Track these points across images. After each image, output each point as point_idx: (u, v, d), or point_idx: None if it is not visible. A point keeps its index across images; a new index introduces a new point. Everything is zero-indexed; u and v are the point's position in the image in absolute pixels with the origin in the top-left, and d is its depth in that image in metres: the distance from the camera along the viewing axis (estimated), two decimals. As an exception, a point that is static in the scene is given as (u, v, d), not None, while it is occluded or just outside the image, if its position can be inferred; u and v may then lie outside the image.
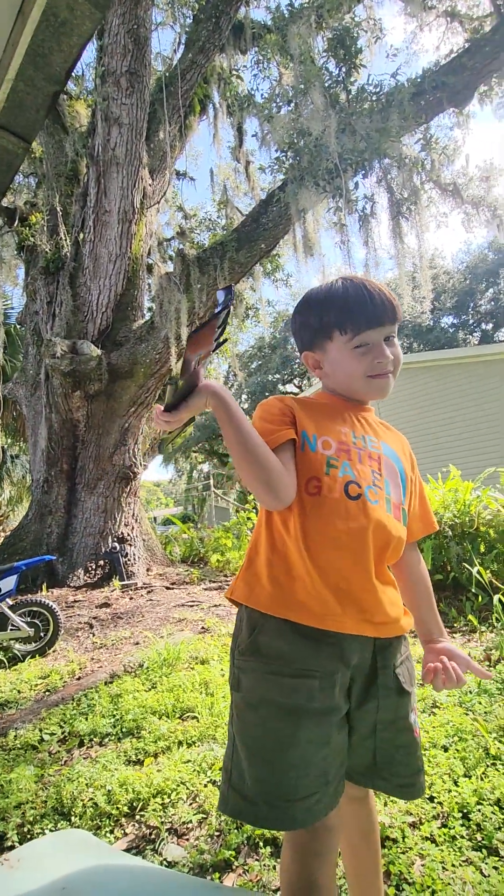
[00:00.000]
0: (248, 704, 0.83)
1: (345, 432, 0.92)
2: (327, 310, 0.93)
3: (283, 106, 5.13)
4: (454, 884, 1.16)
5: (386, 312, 0.91)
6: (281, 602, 0.83)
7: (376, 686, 0.85)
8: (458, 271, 26.39)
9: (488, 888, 1.13)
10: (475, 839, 1.30)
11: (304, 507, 0.85)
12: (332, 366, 0.97)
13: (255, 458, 0.79)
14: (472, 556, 3.38)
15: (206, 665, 2.70)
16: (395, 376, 0.96)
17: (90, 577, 5.11)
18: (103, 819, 1.50)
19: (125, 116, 5.42)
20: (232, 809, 0.81)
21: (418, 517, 1.02)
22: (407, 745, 0.88)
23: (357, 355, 0.92)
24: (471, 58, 5.47)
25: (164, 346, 5.56)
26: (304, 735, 0.78)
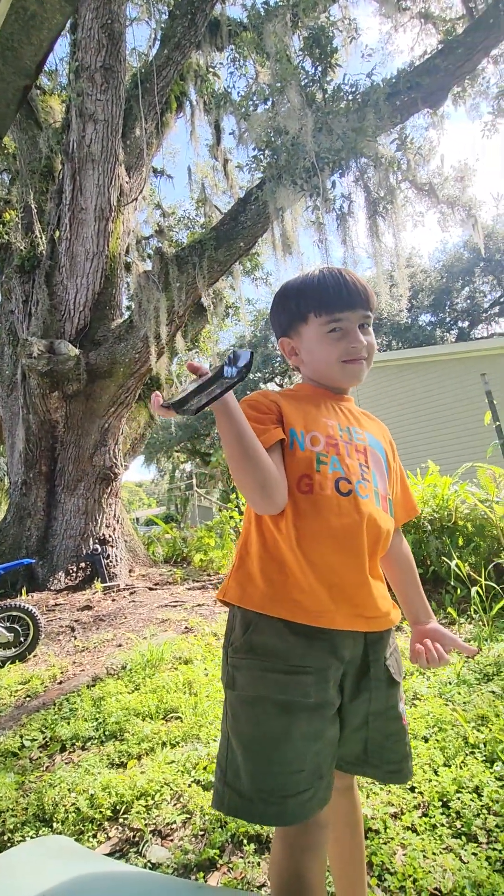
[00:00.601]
0: (243, 702, 0.83)
1: (331, 425, 0.93)
2: (303, 294, 0.95)
3: (259, 104, 5.13)
4: (434, 871, 1.18)
5: (360, 297, 0.93)
6: (274, 600, 0.83)
7: (368, 678, 0.87)
8: (435, 270, 26.80)
9: (467, 874, 1.15)
10: (455, 827, 1.33)
11: (296, 506, 0.85)
12: (308, 352, 0.98)
13: (253, 460, 0.78)
14: (451, 549, 3.44)
15: (189, 665, 2.69)
16: (369, 364, 0.98)
17: (71, 579, 5.04)
18: (86, 824, 1.49)
19: (100, 112, 5.35)
20: (228, 807, 0.81)
21: (401, 503, 1.05)
22: (396, 734, 0.90)
23: (331, 339, 0.94)
24: (444, 59, 5.55)
25: (143, 345, 5.51)
26: (298, 731, 0.79)
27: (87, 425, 5.53)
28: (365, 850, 1.05)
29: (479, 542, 3.45)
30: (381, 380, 12.12)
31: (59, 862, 0.71)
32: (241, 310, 10.76)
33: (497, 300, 26.20)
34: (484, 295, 26.70)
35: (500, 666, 2.24)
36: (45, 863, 0.73)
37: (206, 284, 5.83)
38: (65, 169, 5.57)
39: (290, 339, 1.01)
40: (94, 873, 0.64)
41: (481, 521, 3.51)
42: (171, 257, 5.82)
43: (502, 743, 1.63)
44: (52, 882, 0.56)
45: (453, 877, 1.15)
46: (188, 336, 7.71)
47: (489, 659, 2.34)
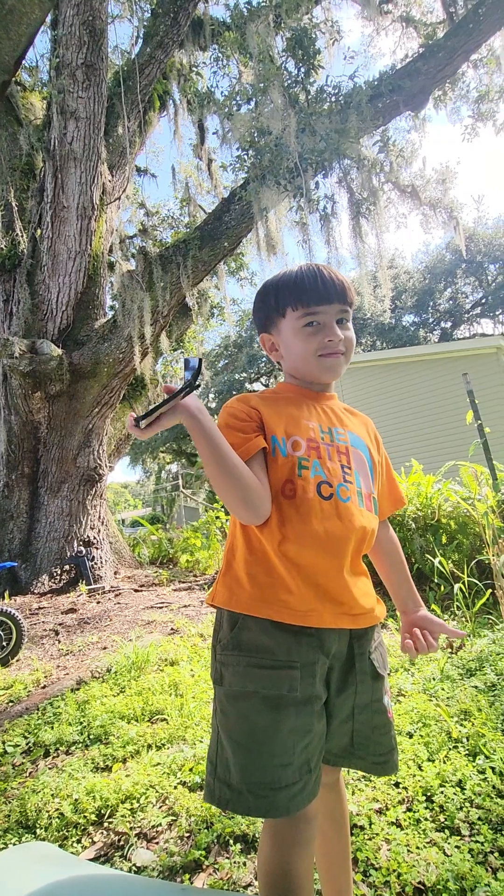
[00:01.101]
0: (232, 697, 0.84)
1: (312, 427, 0.93)
2: (281, 289, 0.96)
3: (242, 104, 5.12)
4: (418, 865, 1.19)
5: (336, 291, 0.94)
6: (262, 602, 0.84)
7: (354, 672, 0.88)
8: (418, 271, 27.12)
9: (450, 867, 1.17)
10: (438, 820, 1.34)
11: (281, 510, 0.86)
12: (286, 346, 0.98)
13: (233, 476, 0.79)
14: (435, 547, 3.49)
15: (175, 666, 2.68)
16: (347, 359, 0.98)
17: (55, 582, 4.98)
18: (70, 829, 1.47)
19: (82, 110, 5.29)
20: (218, 800, 0.82)
21: (387, 495, 1.06)
22: (382, 726, 0.92)
23: (308, 333, 0.94)
24: (425, 63, 5.62)
25: (127, 345, 5.46)
26: (286, 725, 0.80)
27: (70, 426, 5.46)
28: (350, 845, 1.06)
29: (462, 540, 3.50)
30: (365, 379, 12.22)
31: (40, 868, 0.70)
32: (226, 310, 10.75)
33: (478, 301, 26.62)
34: (466, 296, 27.10)
35: (482, 661, 2.28)
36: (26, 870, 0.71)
37: (190, 284, 5.81)
38: (46, 166, 5.49)
39: (270, 334, 1.01)
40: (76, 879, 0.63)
41: (464, 519, 3.56)
42: (155, 257, 5.79)
43: (485, 737, 1.65)
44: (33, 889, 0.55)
45: (437, 870, 1.17)
46: (173, 336, 7.67)
47: (472, 654, 2.37)
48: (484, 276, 26.12)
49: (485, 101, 6.98)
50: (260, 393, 1.01)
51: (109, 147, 6.28)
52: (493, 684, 2.04)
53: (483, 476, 3.73)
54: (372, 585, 0.94)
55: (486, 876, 1.14)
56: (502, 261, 24.78)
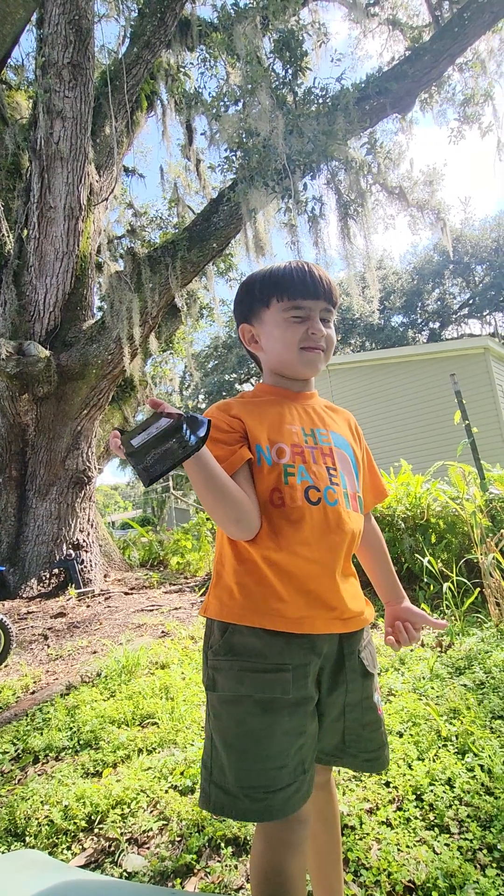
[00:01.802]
0: (225, 702, 0.84)
1: (295, 431, 0.93)
2: (267, 281, 0.97)
3: (230, 105, 5.12)
4: (408, 864, 1.20)
5: (323, 289, 0.95)
6: (253, 611, 0.84)
7: (344, 672, 0.89)
8: (406, 272, 27.34)
9: (440, 865, 1.17)
10: (428, 819, 1.35)
11: (270, 518, 0.86)
12: (267, 337, 0.98)
13: (225, 497, 0.79)
14: (424, 546, 3.51)
15: (166, 669, 2.67)
16: (327, 356, 0.99)
17: (44, 586, 4.93)
18: (59, 836, 1.46)
19: (68, 109, 5.25)
20: (214, 805, 0.82)
21: (369, 488, 1.06)
22: (372, 723, 0.92)
23: (292, 324, 0.94)
24: (412, 66, 5.67)
25: (115, 346, 5.43)
26: (280, 727, 0.80)
27: (58, 428, 5.41)
28: (341, 845, 1.06)
29: (451, 539, 3.53)
30: (354, 380, 12.29)
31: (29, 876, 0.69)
32: (215, 311, 10.74)
33: (466, 302, 26.90)
34: (453, 297, 27.38)
35: (471, 660, 2.30)
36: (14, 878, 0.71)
37: (179, 285, 5.80)
38: (32, 166, 5.44)
39: (252, 325, 1.01)
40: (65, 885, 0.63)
41: (452, 519, 3.60)
42: (144, 257, 5.76)
43: (473, 735, 1.67)
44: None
45: (426, 868, 1.18)
46: (162, 337, 7.64)
47: (461, 653, 2.40)
48: (471, 277, 26.42)
49: (470, 105, 7.06)
50: (240, 397, 1.00)
51: (97, 147, 6.24)
52: (482, 682, 2.07)
53: (471, 476, 3.77)
54: (360, 587, 0.95)
55: (474, 873, 1.15)
56: (489, 262, 25.08)
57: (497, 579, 2.81)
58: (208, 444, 0.87)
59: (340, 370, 12.61)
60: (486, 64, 7.07)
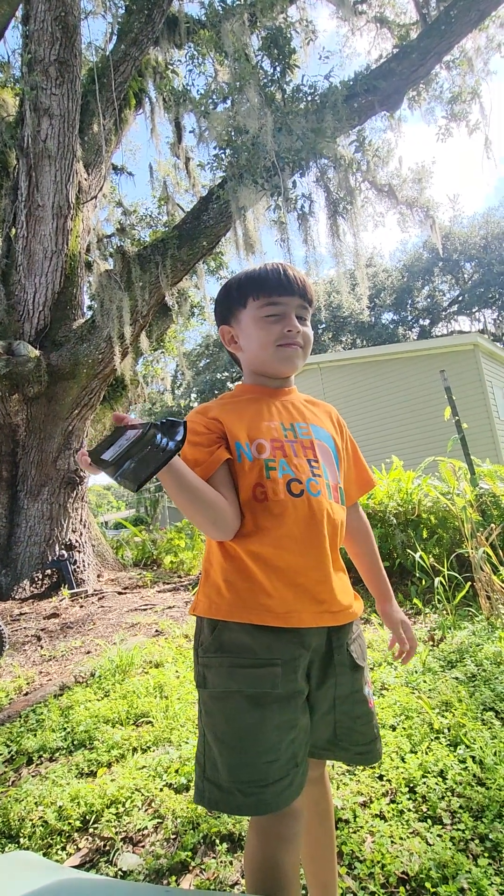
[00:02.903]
0: (215, 698, 0.85)
1: (274, 427, 0.93)
2: (243, 281, 0.99)
3: (219, 102, 5.11)
4: (402, 856, 1.21)
5: (297, 286, 0.97)
6: (241, 607, 0.84)
7: (333, 665, 0.89)
8: (396, 269, 27.44)
9: (433, 856, 1.19)
10: (421, 811, 1.37)
11: (254, 514, 0.86)
12: (245, 337, 1.00)
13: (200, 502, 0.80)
14: (415, 542, 3.54)
15: (160, 668, 2.67)
16: (304, 353, 1.00)
17: (37, 587, 4.90)
18: (54, 836, 1.45)
19: (56, 107, 5.21)
20: (208, 800, 0.83)
21: (354, 479, 1.08)
22: (364, 716, 0.93)
23: (268, 323, 0.96)
24: (399, 63, 5.68)
25: (106, 345, 5.41)
26: (271, 721, 0.81)
27: (49, 428, 5.38)
28: (335, 839, 1.07)
29: (442, 534, 3.56)
30: (345, 377, 12.33)
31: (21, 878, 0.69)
32: (206, 309, 10.71)
33: (455, 299, 27.07)
34: (443, 294, 27.54)
35: (462, 653, 2.32)
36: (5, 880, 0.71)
37: (169, 284, 5.77)
38: (20, 164, 5.39)
39: (230, 326, 1.03)
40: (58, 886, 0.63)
41: (443, 514, 3.63)
42: (134, 256, 5.73)
43: (465, 727, 1.69)
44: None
45: (419, 859, 1.19)
46: (153, 336, 7.61)
47: (452, 646, 2.42)
48: (460, 274, 26.59)
49: (458, 102, 7.10)
50: (219, 399, 1.01)
51: (85, 145, 6.19)
52: (473, 675, 2.09)
53: (461, 471, 3.80)
54: (349, 582, 0.95)
55: (466, 863, 1.16)
56: (478, 259, 25.26)
57: (487, 573, 2.84)
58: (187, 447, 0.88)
59: (331, 368, 12.65)
60: (473, 62, 7.11)
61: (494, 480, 3.68)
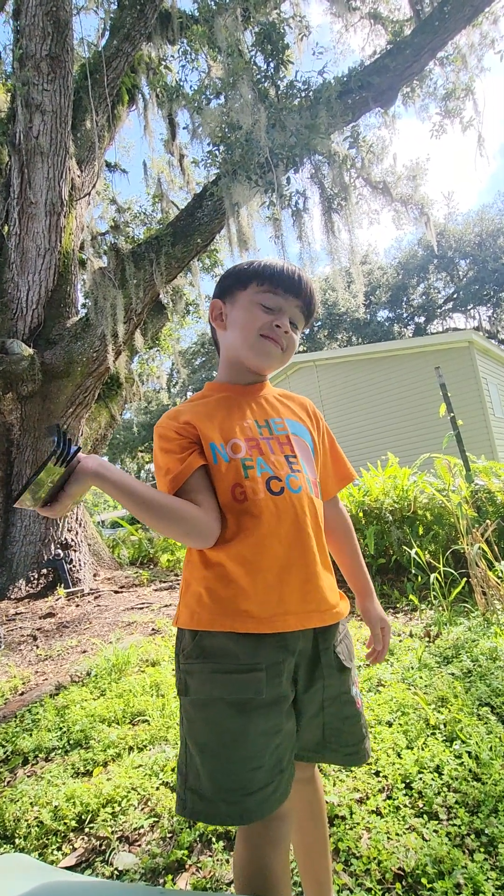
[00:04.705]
0: (197, 705, 0.82)
1: (248, 425, 0.91)
2: (255, 267, 0.96)
3: (212, 98, 5.08)
4: (398, 852, 1.21)
5: (304, 292, 0.96)
6: (222, 615, 0.82)
7: (320, 667, 0.87)
8: (391, 266, 27.45)
9: (429, 851, 1.19)
10: (417, 806, 1.37)
11: (235, 516, 0.84)
12: (232, 319, 0.98)
13: (166, 517, 0.79)
14: (411, 538, 3.54)
15: (156, 667, 2.66)
16: (284, 356, 0.98)
17: (32, 587, 4.88)
18: (49, 837, 1.45)
19: (48, 103, 5.16)
20: (190, 811, 0.80)
21: (332, 473, 1.05)
22: (352, 717, 0.91)
23: (259, 310, 0.94)
24: (393, 59, 5.67)
25: (100, 343, 5.38)
26: (255, 728, 0.78)
27: (44, 427, 5.35)
28: (329, 837, 1.07)
29: (438, 531, 3.56)
30: (341, 375, 12.33)
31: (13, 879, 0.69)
32: (201, 307, 10.67)
33: (450, 296, 27.12)
34: (438, 291, 27.59)
35: (458, 649, 2.33)
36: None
37: (164, 281, 5.75)
38: (12, 161, 5.34)
39: (224, 302, 1.00)
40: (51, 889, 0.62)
41: (439, 510, 3.63)
42: (128, 254, 5.70)
43: (461, 722, 1.69)
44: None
45: (416, 855, 1.19)
46: (148, 334, 7.59)
47: (448, 642, 2.42)
48: (455, 272, 26.63)
49: (452, 99, 7.08)
50: (189, 401, 0.98)
51: (77, 142, 6.15)
52: (469, 670, 2.09)
53: (457, 468, 3.81)
54: (334, 581, 0.94)
55: (462, 858, 1.16)
56: (472, 256, 25.31)
57: (483, 569, 2.85)
58: (158, 456, 0.88)
59: (327, 365, 12.64)
60: (467, 58, 7.09)
61: (490, 477, 3.69)
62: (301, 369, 13.00)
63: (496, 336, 25.78)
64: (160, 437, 0.91)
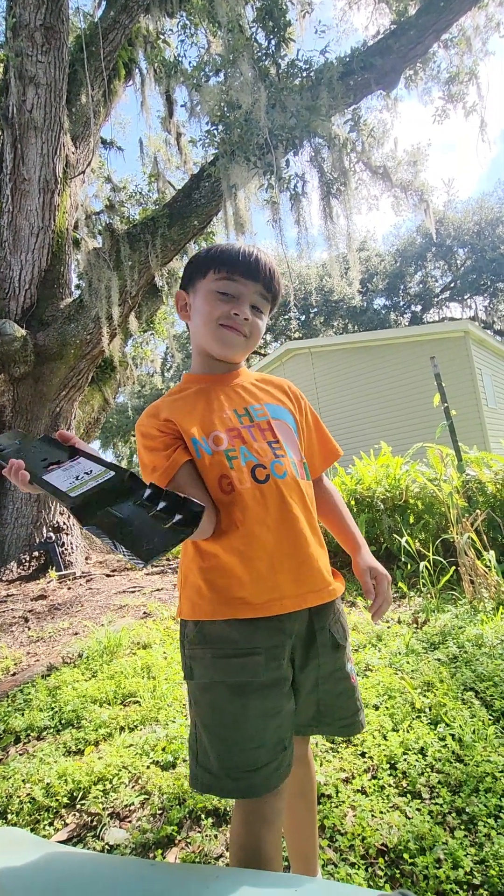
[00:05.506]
0: (202, 689, 0.86)
1: (228, 416, 0.92)
2: (212, 253, 0.95)
3: (211, 76, 4.96)
4: (382, 829, 1.25)
5: (263, 273, 0.93)
6: (222, 604, 0.84)
7: (315, 647, 0.90)
8: (389, 254, 27.23)
9: (411, 828, 1.23)
10: (401, 786, 1.41)
11: (224, 507, 0.85)
12: (195, 309, 0.97)
13: None
14: (402, 527, 3.58)
15: (148, 649, 2.69)
16: (248, 344, 0.97)
17: (24, 569, 4.89)
18: (41, 813, 1.47)
19: (42, 76, 5.01)
20: (202, 784, 0.85)
21: (318, 451, 1.05)
22: (346, 692, 0.95)
23: (217, 299, 0.93)
24: (397, 40, 5.55)
25: (94, 326, 5.32)
26: (254, 709, 0.82)
27: (36, 409, 5.31)
28: (317, 814, 1.10)
29: (428, 520, 3.60)
30: (337, 362, 12.30)
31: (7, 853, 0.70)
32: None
33: (447, 285, 27.01)
34: (435, 280, 27.45)
35: (445, 635, 2.37)
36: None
37: (159, 264, 5.67)
38: (5, 136, 5.20)
39: (187, 292, 1.00)
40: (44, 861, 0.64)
41: (430, 500, 3.67)
42: (123, 234, 5.61)
43: (446, 706, 1.73)
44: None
45: (398, 832, 1.23)
46: (142, 318, 7.50)
47: (435, 629, 2.47)
48: (453, 261, 26.48)
49: (455, 83, 6.96)
50: (167, 395, 0.98)
51: (72, 117, 6.00)
52: (455, 656, 2.14)
53: (449, 458, 3.84)
54: (328, 558, 0.95)
55: (443, 835, 1.20)
56: (471, 245, 25.16)
57: (472, 558, 2.89)
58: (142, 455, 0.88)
59: (323, 352, 12.60)
60: (472, 41, 6.96)
61: (481, 467, 3.72)
62: (296, 356, 12.96)
63: (492, 326, 25.79)
64: (143, 435, 0.91)
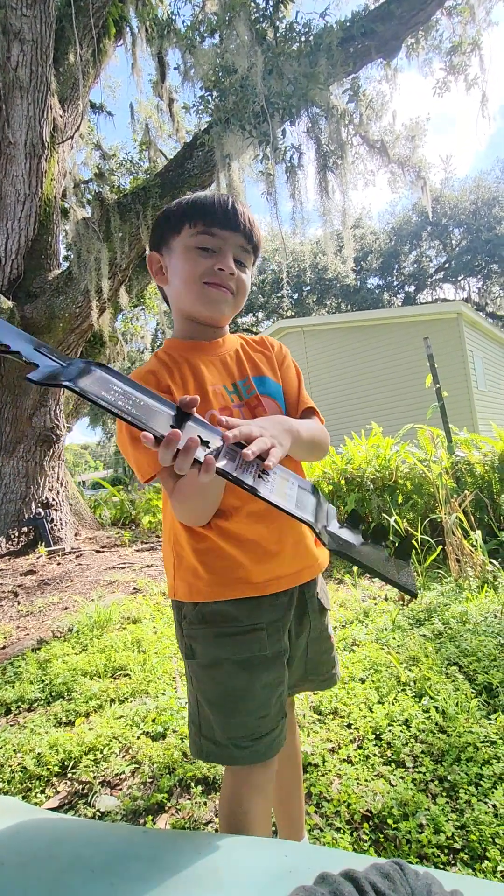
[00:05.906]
0: (204, 667, 0.87)
1: (220, 392, 0.87)
2: (184, 206, 0.87)
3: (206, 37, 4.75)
4: (366, 796, 1.29)
5: (241, 222, 0.86)
6: (221, 585, 0.85)
7: (307, 614, 0.94)
8: (384, 232, 26.83)
9: (395, 795, 1.27)
10: (386, 756, 1.45)
11: None
12: (172, 269, 0.89)
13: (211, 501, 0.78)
14: (391, 506, 3.62)
15: (138, 624, 2.72)
16: (236, 302, 0.90)
17: (13, 544, 4.88)
18: (33, 781, 1.50)
19: (27, 31, 4.76)
20: (206, 754, 0.87)
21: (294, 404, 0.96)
22: (327, 650, 1.00)
23: (198, 255, 0.85)
24: (399, 6, 5.34)
25: (84, 299, 5.19)
26: (259, 682, 0.85)
27: (24, 384, 5.20)
28: (303, 782, 1.13)
29: (417, 499, 3.64)
30: (329, 342, 12.22)
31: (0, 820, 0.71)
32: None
33: (441, 265, 26.78)
34: (430, 260, 27.19)
35: (431, 612, 2.42)
36: (-15, 823, 0.72)
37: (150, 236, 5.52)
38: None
39: (161, 253, 0.91)
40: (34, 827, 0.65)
41: (419, 480, 3.70)
42: (113, 204, 5.44)
43: (430, 680, 1.78)
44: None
45: (383, 799, 1.27)
46: (133, 291, 7.34)
47: (421, 606, 2.52)
48: (448, 240, 26.20)
49: (457, 54, 6.76)
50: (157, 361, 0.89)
51: (60, 77, 5.74)
52: (440, 632, 2.19)
53: (439, 439, 3.86)
54: None
55: (426, 802, 1.24)
56: (467, 224, 24.87)
57: (459, 537, 2.93)
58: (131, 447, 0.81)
59: (315, 331, 12.51)
60: (476, 10, 6.72)
61: (470, 449, 3.76)
62: (288, 335, 12.84)
63: (484, 308, 25.74)
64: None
